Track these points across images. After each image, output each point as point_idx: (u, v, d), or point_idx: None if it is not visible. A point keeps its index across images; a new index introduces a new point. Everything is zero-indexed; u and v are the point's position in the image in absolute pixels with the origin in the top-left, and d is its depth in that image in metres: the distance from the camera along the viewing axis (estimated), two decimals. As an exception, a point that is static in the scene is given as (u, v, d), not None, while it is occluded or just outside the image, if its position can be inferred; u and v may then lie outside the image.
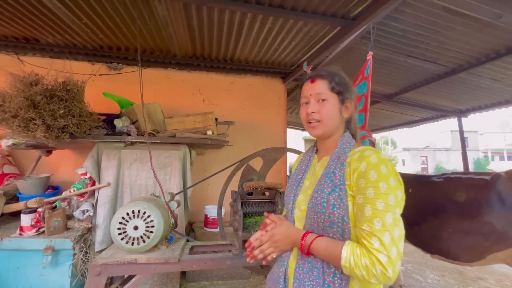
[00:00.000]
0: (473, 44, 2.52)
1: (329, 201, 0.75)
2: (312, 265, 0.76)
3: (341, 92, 0.85)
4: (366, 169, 0.72)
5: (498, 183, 2.03)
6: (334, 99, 0.85)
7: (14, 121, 1.75)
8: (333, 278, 0.73)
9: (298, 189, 0.88)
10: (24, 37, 2.72)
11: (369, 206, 0.68)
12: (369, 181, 0.70)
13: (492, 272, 3.36)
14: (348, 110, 0.87)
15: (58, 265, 2.01)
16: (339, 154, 0.82)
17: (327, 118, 0.83)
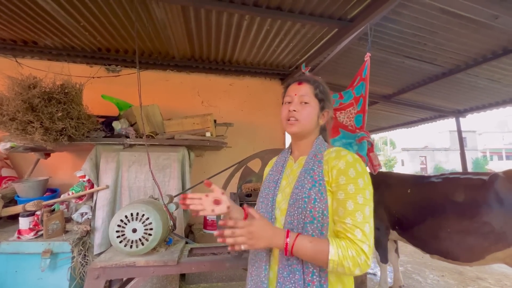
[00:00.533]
0: (470, 44, 2.54)
1: (310, 196, 0.79)
2: (292, 268, 0.77)
3: (323, 100, 0.93)
4: (345, 167, 0.79)
5: (496, 183, 2.04)
6: (315, 104, 0.92)
7: (12, 124, 1.75)
8: (312, 277, 0.75)
9: (277, 190, 0.90)
10: (22, 39, 2.72)
11: (351, 200, 0.75)
12: (349, 178, 0.78)
13: (492, 272, 3.37)
14: (324, 118, 0.95)
15: (57, 268, 2.00)
16: (316, 152, 0.88)
17: (305, 119, 0.90)
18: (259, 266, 0.84)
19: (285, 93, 0.98)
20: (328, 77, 3.63)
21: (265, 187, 0.94)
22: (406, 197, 2.49)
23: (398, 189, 2.60)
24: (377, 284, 2.80)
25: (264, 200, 0.91)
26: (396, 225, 2.53)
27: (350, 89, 2.51)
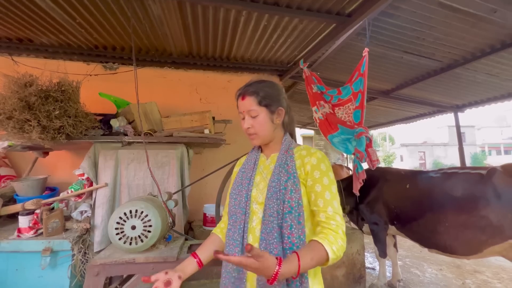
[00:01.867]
0: (468, 39, 2.53)
1: (287, 187, 0.86)
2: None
3: (269, 104, 0.96)
4: (317, 163, 0.89)
5: (494, 177, 2.05)
6: (263, 112, 0.96)
7: (9, 122, 1.74)
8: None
9: (251, 185, 0.94)
10: (17, 37, 2.69)
11: (327, 191, 0.86)
12: (322, 172, 0.88)
13: (489, 265, 3.41)
14: (280, 117, 0.99)
15: (57, 266, 2.01)
16: (286, 149, 0.96)
17: (260, 130, 0.95)
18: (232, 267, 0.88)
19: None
20: (326, 73, 3.62)
21: (238, 184, 0.98)
22: (405, 192, 2.50)
23: (397, 184, 2.61)
24: (376, 278, 2.83)
25: (237, 196, 0.94)
26: (395, 220, 2.55)
27: (349, 85, 2.51)
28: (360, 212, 2.79)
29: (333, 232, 0.79)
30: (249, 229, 0.88)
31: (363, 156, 2.23)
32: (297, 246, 0.81)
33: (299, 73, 3.43)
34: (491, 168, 2.14)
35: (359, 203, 2.77)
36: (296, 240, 0.82)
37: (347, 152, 2.51)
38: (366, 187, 2.59)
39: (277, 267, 0.68)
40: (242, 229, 0.88)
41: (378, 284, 2.69)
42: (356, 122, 2.41)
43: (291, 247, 0.81)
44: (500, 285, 2.88)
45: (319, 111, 2.72)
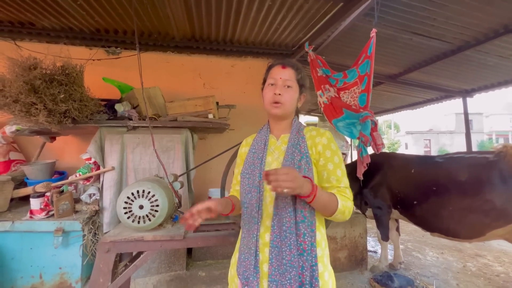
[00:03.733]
0: (482, 18, 2.43)
1: (301, 166, 0.89)
2: (288, 232, 0.85)
3: (303, 85, 1.02)
4: (328, 142, 0.95)
5: (501, 161, 2.03)
6: (296, 88, 1.00)
7: (16, 106, 1.76)
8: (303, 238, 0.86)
9: (263, 165, 0.95)
10: (19, 21, 2.67)
11: (338, 169, 0.93)
12: (333, 151, 0.94)
13: (491, 249, 3.44)
14: (301, 102, 1.05)
15: (69, 246, 2.10)
16: (297, 130, 0.99)
17: (288, 102, 0.97)
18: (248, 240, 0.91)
19: (267, 75, 1.03)
20: (332, 56, 3.53)
21: (250, 164, 0.98)
22: (410, 177, 2.50)
23: (402, 169, 2.60)
24: (377, 261, 2.89)
25: (250, 176, 0.96)
26: (398, 204, 2.57)
27: (355, 68, 2.45)
28: (363, 196, 2.81)
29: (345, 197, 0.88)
30: (264, 206, 0.91)
31: (368, 140, 2.22)
32: (309, 219, 0.87)
33: (304, 57, 3.36)
34: (497, 152, 2.11)
35: (363, 187, 2.78)
36: (308, 214, 0.87)
37: (351, 136, 2.49)
38: (370, 172, 2.58)
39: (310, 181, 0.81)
40: (258, 206, 0.91)
41: (379, 266, 2.75)
42: (361, 106, 2.38)
43: (303, 220, 0.86)
44: (501, 268, 2.92)
45: (324, 95, 2.68)
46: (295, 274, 0.81)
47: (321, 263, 0.86)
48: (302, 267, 0.83)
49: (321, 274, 0.85)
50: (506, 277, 2.74)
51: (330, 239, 2.72)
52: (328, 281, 0.87)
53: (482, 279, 2.68)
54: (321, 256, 0.87)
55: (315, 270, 0.83)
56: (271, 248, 0.85)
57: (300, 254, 0.84)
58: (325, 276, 0.86)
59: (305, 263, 0.83)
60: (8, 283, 2.02)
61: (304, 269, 0.83)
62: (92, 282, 1.31)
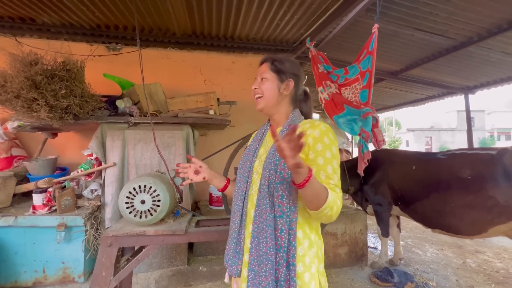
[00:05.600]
0: (485, 14, 2.40)
1: (280, 159, 0.86)
2: (265, 224, 0.85)
3: (280, 71, 0.98)
4: (320, 135, 0.87)
5: (504, 157, 2.02)
6: (273, 77, 0.98)
7: (17, 101, 1.77)
8: (280, 233, 0.84)
9: (254, 157, 0.99)
10: (19, 16, 2.66)
11: (329, 165, 0.85)
12: (325, 145, 0.86)
13: (491, 246, 3.45)
14: (288, 88, 0.99)
15: (72, 241, 2.12)
16: (290, 123, 0.96)
17: (265, 94, 0.97)
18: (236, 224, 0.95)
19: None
20: (333, 52, 3.52)
21: (245, 155, 1.04)
22: (411, 174, 2.50)
23: (403, 166, 2.60)
24: (377, 257, 2.91)
25: (242, 166, 1.01)
26: (399, 201, 2.57)
27: (356, 63, 2.44)
28: (364, 193, 2.81)
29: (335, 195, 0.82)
30: (249, 196, 0.93)
31: (368, 136, 2.21)
32: (288, 215, 0.84)
33: (305, 53, 3.35)
34: (502, 148, 2.10)
35: (364, 184, 2.78)
36: (287, 210, 0.84)
37: (352, 132, 2.49)
38: (371, 168, 2.59)
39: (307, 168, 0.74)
40: (243, 195, 0.95)
41: (379, 262, 2.77)
42: (362, 102, 2.37)
43: (281, 215, 0.84)
44: (501, 264, 2.93)
45: (325, 92, 2.67)
46: (270, 267, 0.81)
47: (301, 263, 0.82)
48: (278, 263, 0.82)
49: (300, 274, 0.81)
50: (506, 273, 2.75)
51: (330, 235, 2.73)
52: (309, 283, 0.82)
53: (481, 275, 2.70)
54: (302, 256, 0.83)
55: (292, 269, 0.80)
56: (252, 238, 0.87)
57: (277, 250, 0.82)
58: (305, 277, 0.82)
59: (281, 260, 0.81)
60: (11, 278, 2.04)
61: (280, 265, 0.81)
62: (94, 276, 1.32)
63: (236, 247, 0.93)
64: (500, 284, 2.52)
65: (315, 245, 0.87)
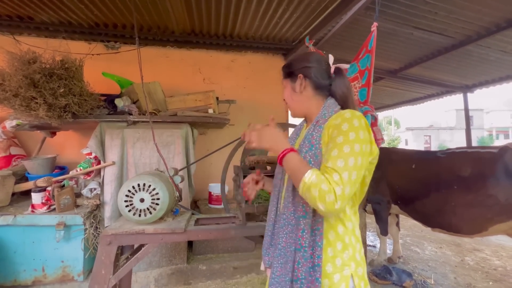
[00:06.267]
0: (484, 12, 2.41)
1: (306, 158, 0.83)
2: (286, 222, 0.86)
3: (289, 74, 0.96)
4: (340, 123, 0.80)
5: (505, 155, 2.01)
6: (287, 83, 0.98)
7: (16, 100, 1.76)
8: (302, 233, 0.81)
9: None
10: (17, 15, 2.65)
11: (336, 149, 0.75)
12: (341, 131, 0.78)
13: (489, 244, 3.47)
14: (302, 84, 0.93)
15: (71, 240, 2.11)
16: (318, 118, 0.89)
17: (288, 102, 0.99)
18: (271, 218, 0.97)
19: None
20: (333, 51, 3.51)
21: None
22: (410, 173, 2.49)
23: (402, 165, 2.60)
24: (376, 255, 2.92)
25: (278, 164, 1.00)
26: (398, 199, 2.57)
27: (355, 62, 2.43)
28: (363, 191, 2.82)
29: (327, 180, 0.71)
30: (282, 194, 0.94)
31: (368, 135, 2.21)
32: (311, 216, 0.81)
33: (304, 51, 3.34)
34: (503, 146, 2.10)
35: (363, 182, 2.79)
36: (310, 209, 0.81)
37: (352, 131, 2.49)
38: (370, 167, 2.59)
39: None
40: (278, 191, 0.96)
41: (378, 260, 2.78)
42: (361, 100, 2.37)
43: (304, 215, 0.82)
44: (499, 262, 2.95)
45: (325, 90, 2.67)
46: (285, 263, 0.82)
47: (330, 263, 0.80)
48: (298, 262, 0.80)
49: (329, 275, 0.79)
50: (504, 270, 2.77)
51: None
52: (338, 284, 0.79)
53: (479, 272, 2.71)
54: (332, 257, 0.80)
55: (317, 270, 0.77)
56: (277, 231, 0.90)
57: (297, 249, 0.81)
58: (334, 278, 0.79)
59: (302, 259, 0.79)
60: (11, 276, 2.04)
61: (300, 264, 0.79)
62: (94, 274, 1.33)
63: (271, 241, 0.94)
64: (497, 281, 2.54)
65: (351, 247, 0.83)
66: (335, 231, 0.82)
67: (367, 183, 0.88)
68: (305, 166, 0.76)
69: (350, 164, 0.72)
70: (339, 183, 0.70)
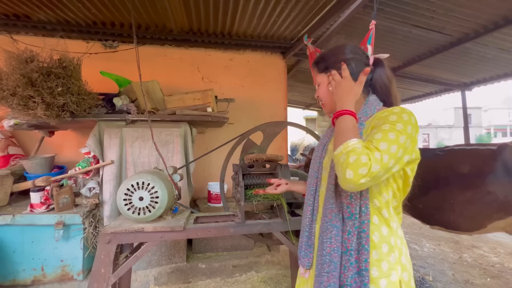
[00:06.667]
0: (482, 10, 2.41)
1: None
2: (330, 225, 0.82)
3: (325, 68, 0.92)
4: (387, 114, 0.77)
5: (504, 152, 2.01)
6: (323, 79, 0.93)
7: (13, 99, 1.75)
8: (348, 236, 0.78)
9: (324, 153, 0.95)
10: (14, 13, 2.63)
11: (381, 133, 0.72)
12: (388, 121, 0.74)
13: (487, 241, 3.49)
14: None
15: (70, 239, 2.11)
16: (360, 116, 0.85)
17: (324, 99, 0.94)
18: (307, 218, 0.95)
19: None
20: (331, 49, 3.51)
21: (316, 150, 1.00)
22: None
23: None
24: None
25: (313, 162, 0.98)
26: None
27: (354, 60, 2.44)
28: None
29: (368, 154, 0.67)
30: (319, 192, 0.92)
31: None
32: (356, 217, 0.77)
33: (303, 51, 3.34)
34: (501, 144, 2.10)
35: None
36: (356, 211, 0.77)
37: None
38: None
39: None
40: (314, 191, 0.94)
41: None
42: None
43: (350, 217, 0.78)
44: (497, 259, 2.97)
45: (323, 89, 2.68)
46: (333, 269, 0.77)
47: (376, 267, 0.76)
48: (344, 267, 0.76)
49: (375, 279, 0.75)
50: (501, 267, 2.79)
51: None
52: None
53: (477, 269, 2.73)
54: (377, 260, 0.76)
55: (365, 275, 0.74)
56: (319, 235, 0.86)
57: (343, 253, 0.77)
58: (380, 283, 0.75)
59: (347, 263, 0.76)
60: (10, 276, 2.04)
61: (346, 269, 0.76)
62: (93, 273, 1.33)
63: (308, 241, 0.93)
64: (495, 278, 2.56)
65: (397, 250, 0.78)
66: (380, 232, 0.78)
67: (410, 184, 0.83)
68: (356, 133, 0.73)
69: (392, 151, 0.69)
70: (378, 162, 0.67)
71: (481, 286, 2.42)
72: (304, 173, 1.75)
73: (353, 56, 0.88)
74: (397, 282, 0.76)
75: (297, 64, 4.28)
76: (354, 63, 0.87)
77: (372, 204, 0.79)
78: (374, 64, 0.90)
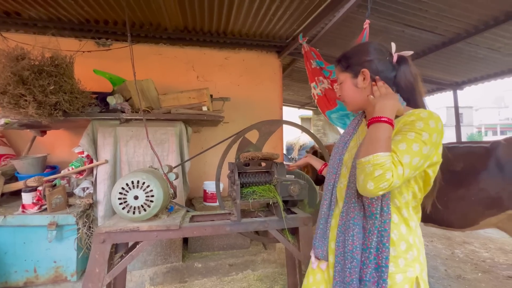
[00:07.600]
0: (472, 10, 2.46)
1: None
2: (352, 223, 0.83)
3: (349, 66, 0.92)
4: (414, 120, 0.77)
5: (497, 150, 2.05)
6: (346, 77, 0.93)
7: (4, 97, 1.72)
8: (369, 234, 0.80)
9: (344, 150, 0.96)
10: (4, 11, 2.57)
11: (405, 143, 0.73)
12: (414, 128, 0.75)
13: (478, 237, 3.57)
14: (366, 78, 0.88)
15: (63, 240, 2.08)
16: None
17: (347, 98, 0.95)
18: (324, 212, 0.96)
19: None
20: (326, 48, 3.54)
21: (336, 146, 1.01)
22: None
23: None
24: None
25: (332, 158, 1.00)
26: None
27: (348, 59, 2.46)
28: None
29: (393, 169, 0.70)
30: (337, 188, 0.93)
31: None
32: (377, 217, 0.78)
33: (298, 49, 3.35)
34: (494, 141, 2.14)
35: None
36: (377, 211, 0.78)
37: (345, 127, 2.53)
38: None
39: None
40: (332, 186, 0.95)
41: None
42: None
43: (370, 215, 0.79)
44: (487, 254, 3.04)
45: (318, 87, 2.70)
46: (355, 265, 0.79)
47: (393, 263, 0.78)
48: (363, 263, 0.79)
49: (391, 274, 0.77)
50: (492, 262, 2.85)
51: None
52: (401, 285, 0.77)
53: (469, 264, 2.79)
54: (394, 257, 0.79)
55: (384, 271, 0.76)
56: (338, 232, 0.87)
57: (363, 250, 0.79)
58: (397, 278, 0.78)
59: (367, 260, 0.78)
60: (1, 278, 2.00)
61: (365, 265, 0.78)
62: (88, 273, 1.31)
63: (323, 233, 0.94)
64: (486, 272, 2.61)
65: (415, 248, 0.81)
66: (398, 231, 0.80)
67: (431, 184, 0.86)
68: (388, 146, 0.72)
69: (413, 163, 0.72)
70: (400, 178, 0.70)
71: (473, 280, 2.47)
72: (300, 171, 1.76)
73: (377, 57, 0.88)
74: (414, 278, 0.79)
75: (292, 63, 4.29)
76: (378, 65, 0.88)
77: (392, 203, 0.81)
78: (397, 62, 0.90)
